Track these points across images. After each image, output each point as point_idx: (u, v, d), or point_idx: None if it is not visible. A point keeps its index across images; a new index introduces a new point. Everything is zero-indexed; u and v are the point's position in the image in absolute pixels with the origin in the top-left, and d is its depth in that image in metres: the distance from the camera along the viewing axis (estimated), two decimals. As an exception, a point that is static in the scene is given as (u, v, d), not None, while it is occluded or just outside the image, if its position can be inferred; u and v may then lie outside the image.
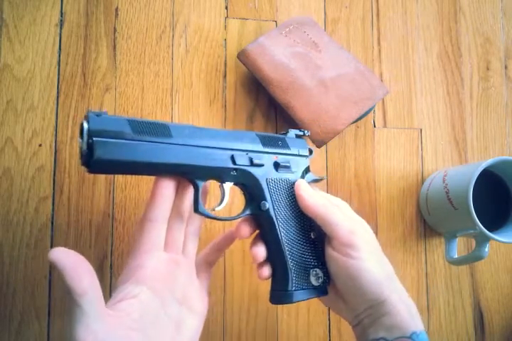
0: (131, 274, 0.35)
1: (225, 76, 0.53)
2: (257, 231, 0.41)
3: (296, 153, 0.42)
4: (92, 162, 0.31)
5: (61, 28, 0.50)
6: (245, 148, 0.38)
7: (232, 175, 0.38)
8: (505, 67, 0.61)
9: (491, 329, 0.56)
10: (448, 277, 0.55)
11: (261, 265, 0.40)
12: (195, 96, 0.52)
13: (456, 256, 0.52)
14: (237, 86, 0.53)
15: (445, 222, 0.53)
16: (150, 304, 0.34)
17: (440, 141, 0.58)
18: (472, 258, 0.50)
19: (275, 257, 0.39)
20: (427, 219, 0.55)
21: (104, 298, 0.47)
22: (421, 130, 0.57)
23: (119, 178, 0.49)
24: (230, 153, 0.37)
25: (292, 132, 0.43)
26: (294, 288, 0.38)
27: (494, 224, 0.50)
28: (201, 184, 0.36)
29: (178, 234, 0.38)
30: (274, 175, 0.40)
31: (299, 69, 0.50)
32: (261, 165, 0.39)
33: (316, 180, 0.44)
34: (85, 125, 0.31)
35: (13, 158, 0.47)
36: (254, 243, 0.40)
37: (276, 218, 0.39)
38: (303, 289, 0.39)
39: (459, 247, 0.54)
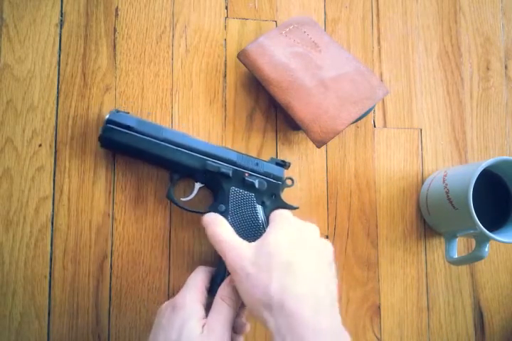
0: None
1: (225, 76, 0.53)
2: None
3: (268, 177, 0.48)
4: (102, 139, 0.45)
5: (61, 28, 0.50)
6: (219, 160, 0.47)
7: (202, 177, 0.47)
8: (506, 67, 0.61)
9: (491, 330, 0.56)
10: (448, 277, 0.55)
11: None
12: (195, 96, 0.52)
13: (456, 256, 0.52)
14: (237, 86, 0.53)
15: (445, 222, 0.53)
16: None
17: (440, 141, 0.58)
18: (472, 258, 0.50)
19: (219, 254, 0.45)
20: (427, 219, 0.55)
21: (105, 298, 0.47)
22: (421, 130, 0.57)
23: (119, 178, 0.49)
24: (205, 159, 0.46)
25: (274, 160, 0.49)
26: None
27: (494, 224, 0.50)
28: (177, 177, 0.47)
29: None
30: (240, 187, 0.47)
31: (299, 69, 0.50)
32: (227, 175, 0.46)
33: (280, 207, 0.48)
34: (106, 116, 0.45)
35: (13, 158, 0.47)
36: None
37: (230, 223, 0.45)
38: None
39: (459, 247, 0.54)
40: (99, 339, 0.46)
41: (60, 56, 0.49)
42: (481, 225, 0.46)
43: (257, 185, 0.47)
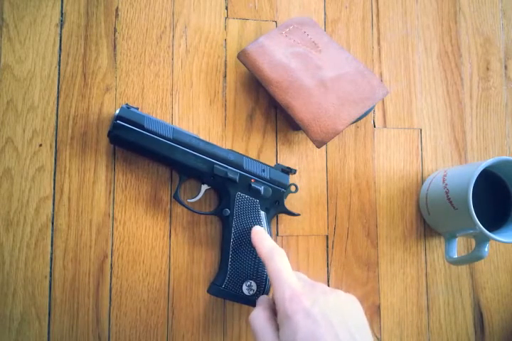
0: None
1: (225, 76, 0.53)
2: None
3: (273, 184, 0.49)
4: (110, 136, 0.45)
5: (61, 28, 0.50)
6: (226, 164, 0.47)
7: (210, 180, 0.47)
8: (505, 67, 0.61)
9: (491, 330, 0.56)
10: (448, 277, 0.55)
11: None
12: (195, 96, 0.52)
13: (456, 256, 0.52)
14: (237, 86, 0.53)
15: (445, 222, 0.53)
16: None
17: (440, 141, 0.58)
18: (472, 258, 0.50)
19: (222, 256, 0.47)
20: (426, 219, 0.55)
21: (105, 298, 0.47)
22: (421, 130, 0.57)
23: (119, 178, 0.49)
24: (213, 162, 0.47)
25: (279, 166, 0.50)
26: (225, 287, 0.45)
27: (494, 224, 0.50)
28: (184, 178, 0.47)
29: None
30: (245, 193, 0.47)
31: (299, 70, 0.50)
32: (234, 181, 0.47)
33: (285, 212, 0.50)
34: (116, 111, 0.45)
35: (14, 158, 0.47)
36: None
37: (233, 227, 0.47)
38: (234, 292, 0.45)
39: (459, 247, 0.54)
40: (99, 339, 0.47)
41: (60, 56, 0.49)
42: (480, 225, 0.46)
43: (262, 192, 0.48)
